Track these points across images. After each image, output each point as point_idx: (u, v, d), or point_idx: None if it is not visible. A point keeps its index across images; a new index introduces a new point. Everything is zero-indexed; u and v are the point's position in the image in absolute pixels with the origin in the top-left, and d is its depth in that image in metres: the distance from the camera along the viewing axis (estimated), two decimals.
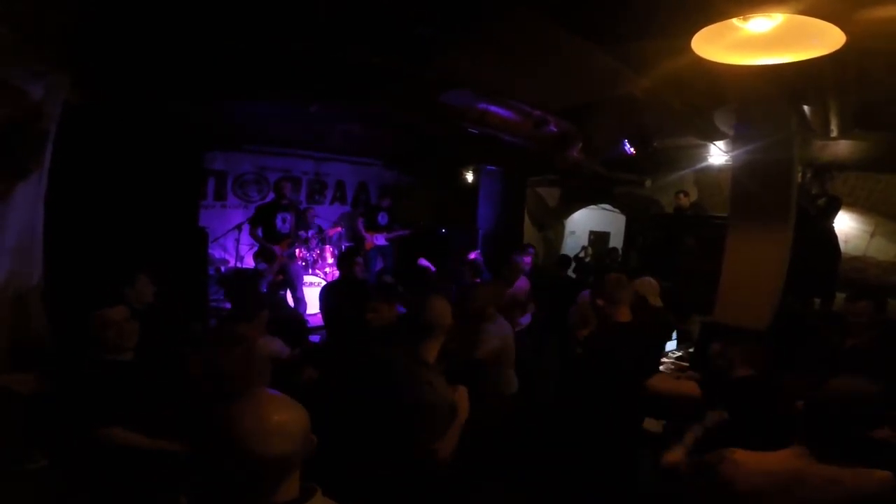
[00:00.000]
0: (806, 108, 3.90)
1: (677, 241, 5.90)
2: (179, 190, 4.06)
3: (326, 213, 7.46)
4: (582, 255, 7.99)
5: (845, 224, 5.77)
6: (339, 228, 6.96)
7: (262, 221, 5.70)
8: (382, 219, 7.13)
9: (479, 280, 4.85)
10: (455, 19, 3.08)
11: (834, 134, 4.46)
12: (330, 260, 6.76)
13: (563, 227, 8.81)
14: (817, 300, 4.90)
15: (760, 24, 1.81)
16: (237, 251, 6.28)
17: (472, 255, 5.47)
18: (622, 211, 8.01)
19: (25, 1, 2.70)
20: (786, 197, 3.86)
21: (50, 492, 1.95)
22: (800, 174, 4.65)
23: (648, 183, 7.27)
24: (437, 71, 3.88)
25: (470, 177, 7.68)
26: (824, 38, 1.80)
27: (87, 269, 3.34)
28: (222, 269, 6.33)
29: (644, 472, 2.59)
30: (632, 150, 5.44)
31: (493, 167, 7.48)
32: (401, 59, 3.59)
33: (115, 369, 2.23)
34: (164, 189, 3.85)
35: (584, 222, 9.05)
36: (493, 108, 4.94)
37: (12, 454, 2.09)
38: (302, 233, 6.09)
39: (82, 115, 3.38)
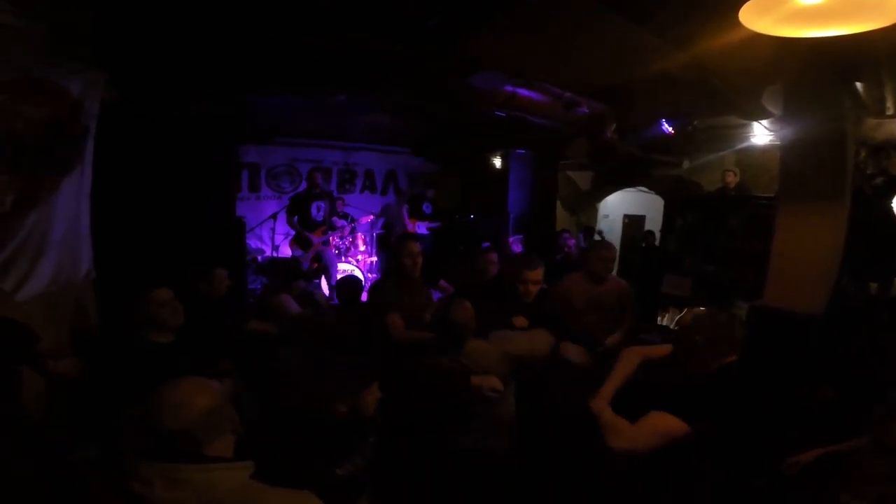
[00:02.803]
0: (859, 84, 3.66)
1: (719, 223, 5.66)
2: (216, 182, 4.17)
3: (357, 202, 7.53)
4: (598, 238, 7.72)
5: None
6: (371, 217, 7.02)
7: (297, 210, 5.84)
8: (427, 208, 7.18)
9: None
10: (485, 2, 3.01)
11: (890, 112, 4.19)
12: (362, 247, 6.84)
13: (596, 210, 8.60)
14: (874, 284, 4.65)
15: None
16: (272, 241, 6.42)
17: (511, 241, 5.43)
18: (658, 193, 7.75)
19: (57, 2, 2.78)
20: (840, 177, 3.65)
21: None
22: (854, 153, 4.39)
23: (686, 164, 7.00)
24: (464, 54, 3.81)
25: (498, 162, 7.57)
26: (881, 10, 1.66)
27: (134, 260, 3.47)
28: (259, 258, 6.49)
29: None
30: (670, 129, 5.22)
31: (522, 151, 7.35)
32: (427, 44, 3.54)
33: (159, 351, 2.32)
34: (203, 182, 3.96)
35: (618, 205, 8.81)
36: (521, 91, 4.82)
37: (62, 443, 2.16)
38: (336, 220, 6.20)
39: (121, 113, 3.48)
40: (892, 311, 3.67)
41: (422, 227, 7.16)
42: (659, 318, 5.49)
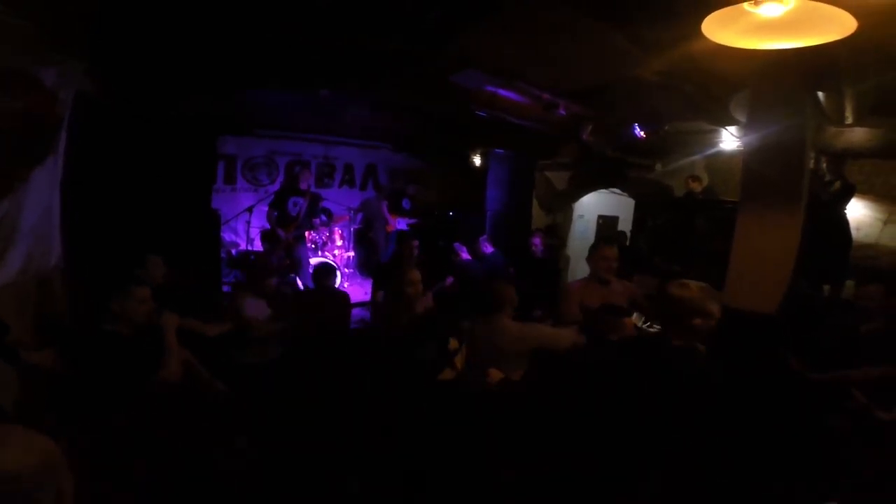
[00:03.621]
0: (820, 94, 3.84)
1: (687, 224, 5.87)
2: (193, 174, 4.12)
3: (335, 196, 7.50)
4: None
5: (858, 211, 5.70)
6: (347, 217, 7.04)
7: (278, 205, 5.80)
8: (406, 204, 7.21)
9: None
10: (466, 1, 3.07)
11: (849, 121, 4.40)
12: (339, 242, 6.83)
13: (571, 210, 8.76)
14: (827, 286, 4.88)
15: (772, 8, 1.79)
16: (247, 234, 6.36)
17: (484, 245, 5.44)
18: (631, 195, 7.95)
19: None
20: (797, 182, 3.82)
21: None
22: (813, 160, 4.60)
23: (659, 167, 7.20)
24: (446, 53, 3.87)
25: (478, 160, 7.66)
26: (836, 24, 1.78)
27: (105, 250, 3.42)
28: (233, 251, 6.42)
29: None
30: (642, 133, 5.39)
31: (501, 150, 7.45)
32: (410, 42, 3.59)
33: (126, 342, 2.36)
34: (178, 173, 3.91)
35: (593, 206, 8.98)
36: (502, 91, 4.91)
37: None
38: (316, 220, 6.16)
39: (97, 103, 3.42)
40: (843, 312, 3.87)
41: (402, 223, 7.20)
42: None
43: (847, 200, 4.99)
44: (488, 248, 5.58)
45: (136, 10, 2.97)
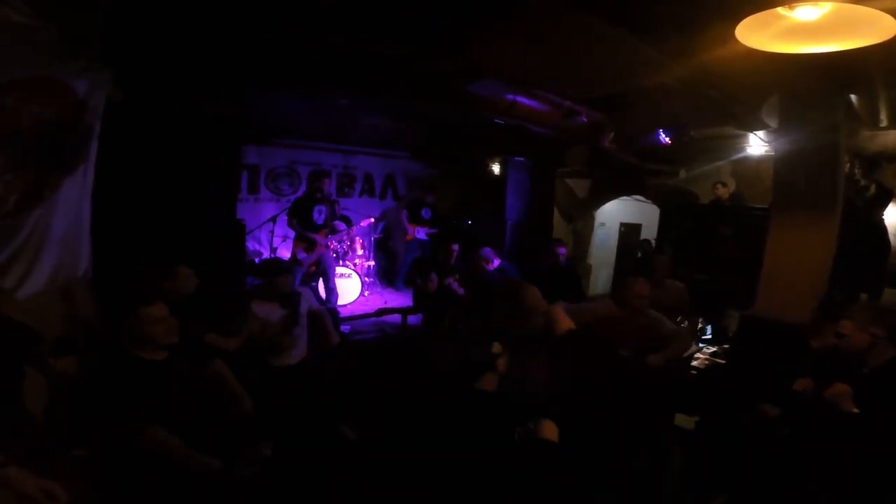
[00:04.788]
0: (853, 97, 3.72)
1: (714, 232, 5.73)
2: (218, 184, 4.15)
3: (356, 206, 7.55)
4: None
5: None
6: (371, 219, 7.05)
7: (298, 213, 5.86)
8: (426, 213, 7.21)
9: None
10: (486, 8, 3.05)
11: (883, 124, 4.26)
12: (360, 251, 6.86)
13: (592, 218, 8.66)
14: (864, 295, 4.71)
15: (807, 12, 1.73)
16: (271, 243, 6.43)
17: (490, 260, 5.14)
18: (655, 202, 7.82)
19: (69, 1, 2.81)
20: (831, 187, 3.71)
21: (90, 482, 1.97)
22: (847, 165, 4.45)
23: (683, 173, 7.07)
24: (466, 61, 3.86)
25: (497, 168, 7.62)
26: (874, 27, 1.72)
27: (132, 260, 3.47)
28: (256, 260, 6.50)
29: (675, 471, 2.55)
30: (667, 139, 5.29)
31: (520, 158, 7.40)
32: (430, 50, 3.59)
33: (151, 369, 2.26)
34: (204, 183, 3.94)
35: (614, 214, 8.87)
36: (522, 99, 4.87)
37: (60, 440, 2.16)
38: (337, 223, 6.22)
39: (125, 112, 3.50)
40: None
41: (421, 233, 7.18)
42: None
43: (884, 206, 4.82)
44: (495, 262, 5.13)
45: (153, 17, 3.03)
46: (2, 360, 1.89)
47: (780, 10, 1.75)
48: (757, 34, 1.86)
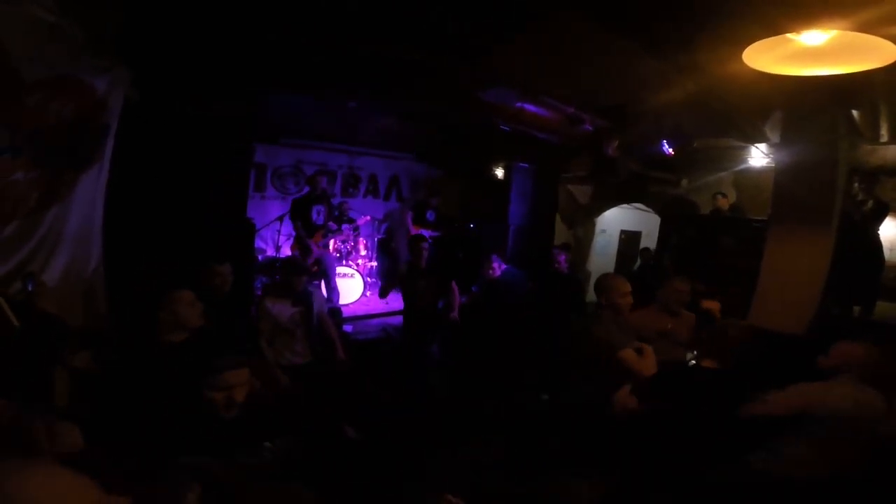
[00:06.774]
0: (854, 111, 3.79)
1: (713, 242, 5.80)
2: (230, 183, 4.19)
3: (360, 207, 7.60)
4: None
5: (892, 231, 5.58)
6: (368, 217, 7.10)
7: (298, 214, 5.89)
8: (430, 215, 7.25)
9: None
10: (501, 19, 3.12)
11: (884, 139, 4.33)
12: (363, 252, 6.91)
13: (593, 225, 8.73)
14: (857, 308, 4.78)
15: (814, 37, 1.80)
16: (276, 242, 6.49)
17: (495, 266, 5.15)
18: (655, 211, 7.90)
19: (92, 1, 2.87)
20: (829, 201, 3.79)
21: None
22: (846, 179, 4.52)
23: (685, 183, 7.15)
24: (479, 69, 3.92)
25: (500, 172, 7.68)
26: (878, 52, 1.79)
27: (144, 257, 3.53)
28: (259, 257, 6.55)
29: None
30: (670, 150, 5.37)
31: (525, 164, 7.47)
32: (443, 54, 3.64)
33: (173, 351, 2.35)
34: (216, 182, 3.98)
35: (615, 221, 8.95)
36: (528, 106, 4.94)
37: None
38: (332, 224, 6.23)
39: (139, 111, 3.55)
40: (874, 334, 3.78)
41: (425, 235, 7.24)
42: None
43: (880, 220, 4.88)
44: (500, 268, 5.10)
45: (171, 17, 3.08)
46: (42, 354, 1.93)
47: (787, 34, 1.83)
48: (764, 57, 1.93)
